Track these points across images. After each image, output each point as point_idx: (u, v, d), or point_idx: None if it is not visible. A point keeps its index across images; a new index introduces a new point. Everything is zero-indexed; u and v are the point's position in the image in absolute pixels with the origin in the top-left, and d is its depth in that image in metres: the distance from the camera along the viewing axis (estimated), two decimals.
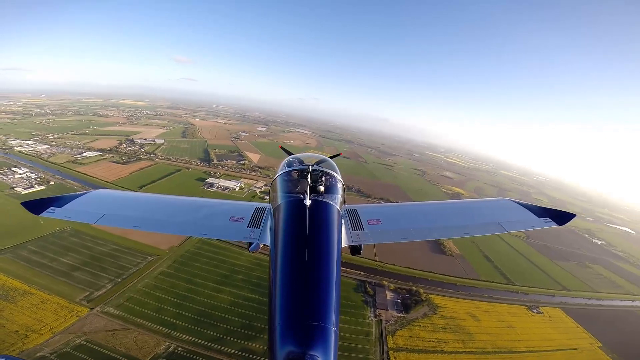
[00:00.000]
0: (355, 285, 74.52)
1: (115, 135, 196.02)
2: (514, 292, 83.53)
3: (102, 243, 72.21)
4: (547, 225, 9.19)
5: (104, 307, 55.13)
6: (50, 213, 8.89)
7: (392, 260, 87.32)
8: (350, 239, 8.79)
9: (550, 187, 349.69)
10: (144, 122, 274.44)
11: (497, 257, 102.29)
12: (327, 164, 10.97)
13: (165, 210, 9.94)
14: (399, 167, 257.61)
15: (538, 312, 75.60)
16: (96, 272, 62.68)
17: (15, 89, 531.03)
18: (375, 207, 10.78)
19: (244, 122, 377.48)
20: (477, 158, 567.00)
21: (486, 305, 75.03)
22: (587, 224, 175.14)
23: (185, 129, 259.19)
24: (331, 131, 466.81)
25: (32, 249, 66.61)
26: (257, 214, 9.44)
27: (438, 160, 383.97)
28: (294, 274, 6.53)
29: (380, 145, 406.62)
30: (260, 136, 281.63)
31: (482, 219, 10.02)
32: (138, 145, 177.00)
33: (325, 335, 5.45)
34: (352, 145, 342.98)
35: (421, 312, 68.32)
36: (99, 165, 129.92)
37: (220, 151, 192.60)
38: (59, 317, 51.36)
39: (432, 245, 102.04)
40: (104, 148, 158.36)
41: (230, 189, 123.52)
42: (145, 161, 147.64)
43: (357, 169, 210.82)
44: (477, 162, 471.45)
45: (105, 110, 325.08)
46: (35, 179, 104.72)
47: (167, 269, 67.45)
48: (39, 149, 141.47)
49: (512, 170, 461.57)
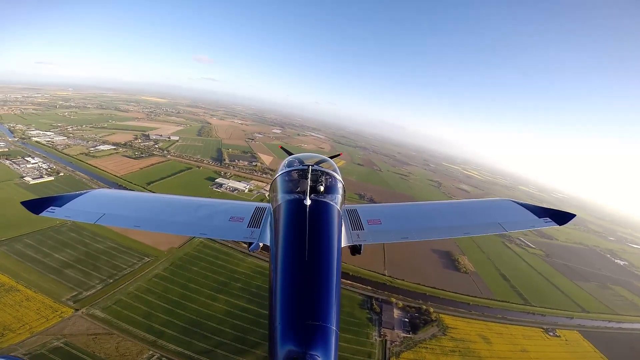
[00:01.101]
0: (361, 301, 69.54)
1: (132, 130, 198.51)
2: (530, 313, 78.84)
3: (101, 240, 69.90)
4: (547, 225, 9.19)
5: (90, 308, 52.10)
6: (50, 212, 8.81)
7: (403, 275, 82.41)
8: (350, 239, 8.79)
9: (570, 205, 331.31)
10: (162, 118, 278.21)
11: (514, 275, 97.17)
12: (327, 164, 10.93)
13: (165, 210, 9.87)
14: (414, 177, 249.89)
15: (554, 335, 70.82)
16: (88, 271, 60.00)
17: (45, 82, 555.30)
18: (375, 207, 10.75)
19: (260, 124, 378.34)
20: (494, 171, 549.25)
21: (499, 326, 70.20)
22: (610, 244, 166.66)
23: (201, 128, 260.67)
24: (346, 137, 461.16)
25: (28, 242, 64.79)
26: (257, 213, 9.40)
27: (455, 172, 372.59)
28: (294, 274, 6.52)
29: (395, 153, 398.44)
30: (275, 138, 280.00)
31: (482, 219, 9.95)
32: (153, 141, 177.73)
33: (325, 334, 5.41)
34: (366, 152, 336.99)
35: (430, 333, 63.62)
36: (111, 159, 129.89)
37: (234, 151, 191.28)
38: (41, 316, 48.65)
39: (446, 261, 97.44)
40: (118, 142, 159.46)
41: (239, 190, 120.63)
42: (157, 157, 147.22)
43: (371, 177, 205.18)
44: (495, 176, 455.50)
45: (127, 105, 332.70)
46: (46, 170, 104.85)
47: (162, 272, 64.22)
48: (55, 140, 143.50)
49: (530, 186, 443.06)
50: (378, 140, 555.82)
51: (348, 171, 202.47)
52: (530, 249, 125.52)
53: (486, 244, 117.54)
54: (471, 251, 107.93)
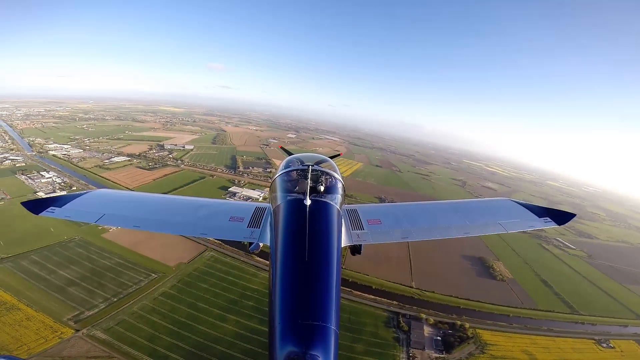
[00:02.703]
0: (386, 318, 63.33)
1: (148, 140, 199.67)
2: (578, 322, 72.25)
3: (107, 256, 66.92)
4: (547, 225, 9.12)
5: (91, 329, 48.87)
6: (50, 212, 8.69)
7: (432, 286, 75.35)
8: (350, 239, 8.69)
9: (605, 199, 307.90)
10: (178, 127, 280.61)
11: (556, 280, 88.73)
12: (327, 164, 10.94)
13: (166, 210, 9.76)
14: (436, 176, 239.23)
15: (608, 346, 65.36)
16: (93, 289, 56.81)
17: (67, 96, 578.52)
18: (375, 207, 10.63)
19: (275, 129, 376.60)
20: (518, 167, 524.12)
21: (545, 340, 64.11)
22: None
23: (216, 135, 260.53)
24: (362, 138, 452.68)
25: (35, 258, 62.57)
26: (257, 214, 9.27)
27: (478, 169, 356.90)
28: (294, 274, 6.43)
29: (414, 153, 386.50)
30: (290, 143, 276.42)
31: (482, 218, 9.80)
32: (167, 151, 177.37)
33: (325, 334, 5.34)
34: (384, 153, 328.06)
35: (466, 352, 57.84)
36: (124, 171, 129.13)
37: (248, 158, 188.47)
38: (40, 337, 45.85)
39: (479, 268, 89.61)
40: (133, 153, 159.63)
41: (252, 198, 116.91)
42: (171, 167, 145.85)
43: (391, 179, 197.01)
44: (520, 172, 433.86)
45: (144, 116, 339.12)
46: (60, 184, 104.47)
47: (169, 290, 60.20)
48: (71, 153, 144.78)
49: (558, 181, 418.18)
50: (395, 140, 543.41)
51: (366, 174, 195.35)
52: (570, 250, 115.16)
53: (521, 246, 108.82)
54: (506, 256, 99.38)
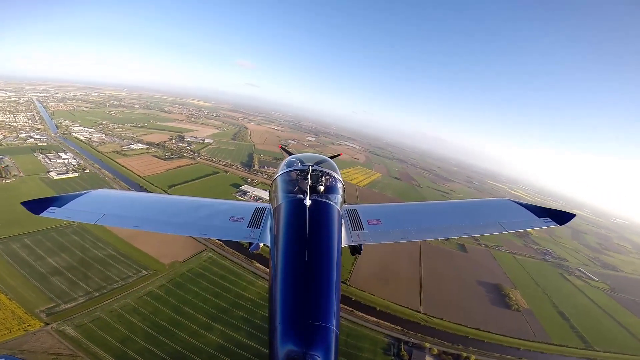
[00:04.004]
0: (387, 344, 57.05)
1: (170, 130, 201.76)
2: (592, 359, 67.33)
3: (101, 246, 64.33)
4: (547, 225, 9.04)
5: (62, 324, 45.53)
6: (51, 213, 8.70)
7: (441, 312, 68.77)
8: (350, 239, 8.70)
9: (633, 231, 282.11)
10: (202, 121, 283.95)
11: (575, 313, 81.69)
12: (328, 165, 10.90)
13: (166, 210, 9.68)
14: (457, 195, 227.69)
15: None
16: (76, 280, 53.87)
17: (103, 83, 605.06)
18: (375, 207, 10.66)
19: (296, 131, 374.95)
20: (542, 192, 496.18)
21: None
22: None
23: (237, 132, 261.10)
24: (382, 148, 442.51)
25: (26, 242, 60.70)
26: (257, 214, 9.29)
27: (501, 191, 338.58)
28: (294, 274, 6.41)
29: (435, 167, 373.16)
30: (309, 146, 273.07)
31: (482, 219, 9.80)
32: (186, 142, 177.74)
33: (325, 335, 5.33)
34: (404, 165, 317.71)
35: None
36: (140, 159, 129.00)
37: (265, 157, 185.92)
38: (4, 327, 42.90)
39: (494, 296, 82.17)
40: (152, 142, 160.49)
41: (263, 199, 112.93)
42: (187, 159, 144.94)
43: (409, 193, 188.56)
44: (544, 197, 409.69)
45: (172, 107, 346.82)
46: (74, 166, 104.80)
47: (157, 289, 56.52)
48: (93, 137, 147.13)
49: (584, 209, 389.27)
50: (417, 153, 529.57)
51: (384, 185, 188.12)
52: (592, 281, 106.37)
53: (541, 275, 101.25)
54: (524, 284, 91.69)
